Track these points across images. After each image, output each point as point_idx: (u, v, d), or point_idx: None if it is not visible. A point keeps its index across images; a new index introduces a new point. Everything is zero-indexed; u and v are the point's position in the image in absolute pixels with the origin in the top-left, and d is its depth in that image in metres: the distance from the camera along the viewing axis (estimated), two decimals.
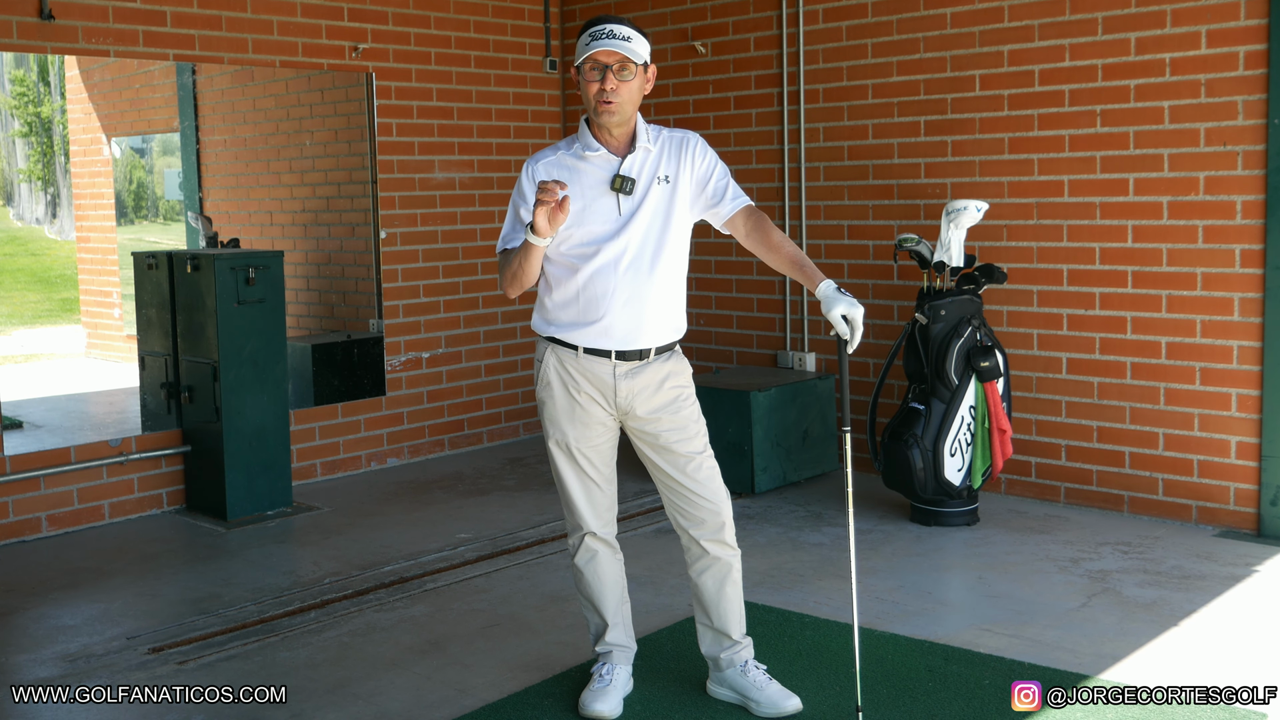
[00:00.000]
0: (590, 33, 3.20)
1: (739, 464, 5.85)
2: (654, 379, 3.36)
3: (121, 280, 6.37)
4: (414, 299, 6.87)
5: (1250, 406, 5.10)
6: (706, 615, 3.54)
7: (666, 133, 3.37)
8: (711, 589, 3.49)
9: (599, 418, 3.39)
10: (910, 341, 5.37)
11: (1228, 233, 5.10)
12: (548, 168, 3.32)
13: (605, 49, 3.17)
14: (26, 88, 6.26)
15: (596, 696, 3.49)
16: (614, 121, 3.24)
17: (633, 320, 3.30)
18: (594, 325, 3.30)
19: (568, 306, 3.34)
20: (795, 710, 3.46)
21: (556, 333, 3.37)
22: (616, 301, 3.28)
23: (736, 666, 3.54)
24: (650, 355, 3.35)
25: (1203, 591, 4.44)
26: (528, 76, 7.35)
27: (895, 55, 6.04)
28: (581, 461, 3.43)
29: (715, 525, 3.43)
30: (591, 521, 3.49)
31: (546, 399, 3.42)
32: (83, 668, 3.98)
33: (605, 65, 3.18)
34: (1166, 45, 5.19)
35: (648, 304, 3.30)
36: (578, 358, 3.35)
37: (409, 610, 4.45)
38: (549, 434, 3.45)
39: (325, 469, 6.53)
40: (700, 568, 3.49)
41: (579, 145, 3.32)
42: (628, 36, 3.18)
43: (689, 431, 3.40)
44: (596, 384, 3.35)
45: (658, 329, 3.35)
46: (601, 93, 3.19)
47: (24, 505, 5.44)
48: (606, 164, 3.29)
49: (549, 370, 3.40)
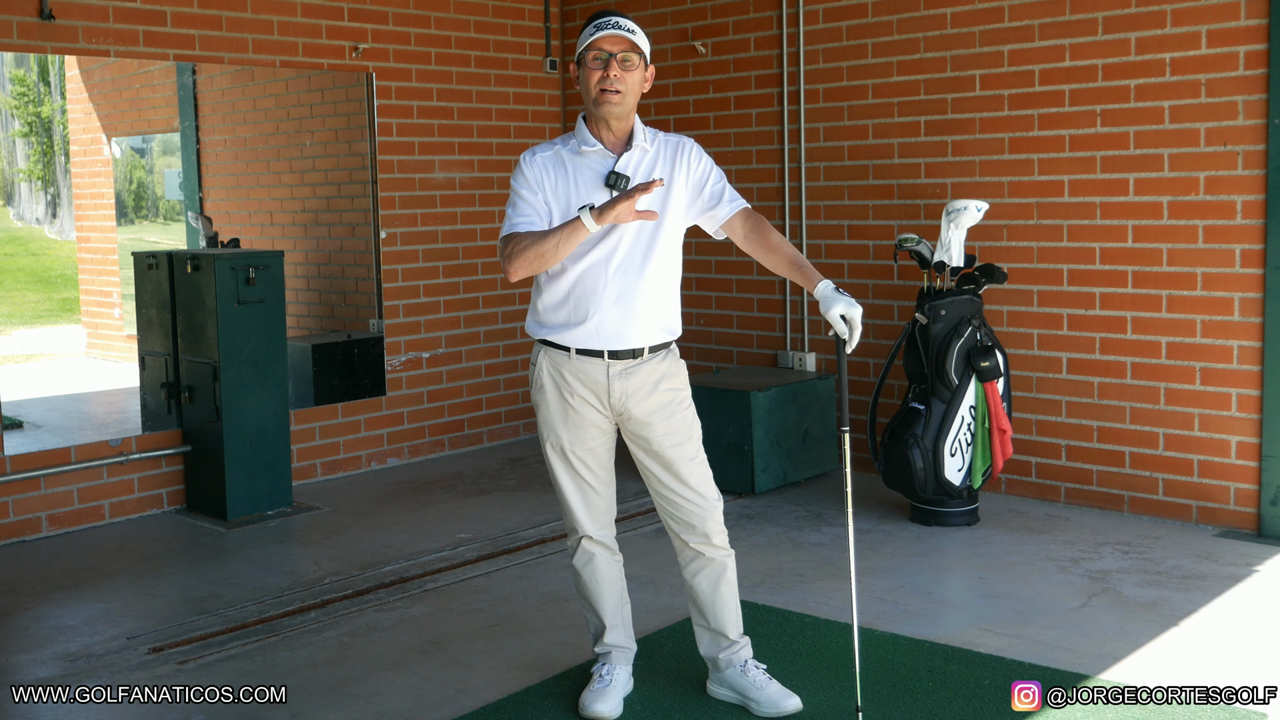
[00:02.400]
0: (595, 23, 3.21)
1: (739, 464, 5.85)
2: (649, 379, 3.35)
3: (122, 280, 6.38)
4: (414, 299, 6.87)
5: (1250, 406, 5.10)
6: (703, 616, 3.55)
7: (663, 136, 3.38)
8: (706, 590, 3.50)
9: (593, 420, 3.38)
10: (910, 341, 5.37)
11: (1228, 233, 5.10)
12: (545, 161, 3.32)
13: (610, 35, 3.18)
14: (27, 88, 6.26)
15: (596, 697, 3.49)
16: (614, 113, 3.23)
17: (622, 319, 3.29)
18: (584, 325, 3.29)
19: (559, 307, 3.33)
20: (795, 709, 3.46)
21: (548, 335, 3.37)
22: (606, 300, 3.27)
23: (736, 666, 3.54)
24: (644, 354, 3.35)
25: (1203, 591, 4.44)
26: (528, 76, 7.35)
27: (895, 55, 6.04)
28: (576, 465, 3.43)
29: (705, 528, 3.43)
30: (587, 525, 3.49)
31: (540, 402, 3.42)
32: (83, 668, 3.98)
33: (610, 54, 3.19)
34: (1167, 45, 5.19)
35: (637, 303, 3.29)
36: (570, 359, 3.34)
37: (409, 610, 4.45)
38: (544, 437, 3.45)
39: (325, 469, 6.53)
40: (694, 569, 3.50)
41: (576, 141, 3.32)
42: (633, 29, 3.21)
43: (681, 436, 3.40)
44: (590, 385, 3.34)
45: (649, 328, 3.34)
46: (604, 80, 3.20)
47: (24, 505, 5.44)
48: (602, 160, 3.29)
49: (542, 373, 3.40)
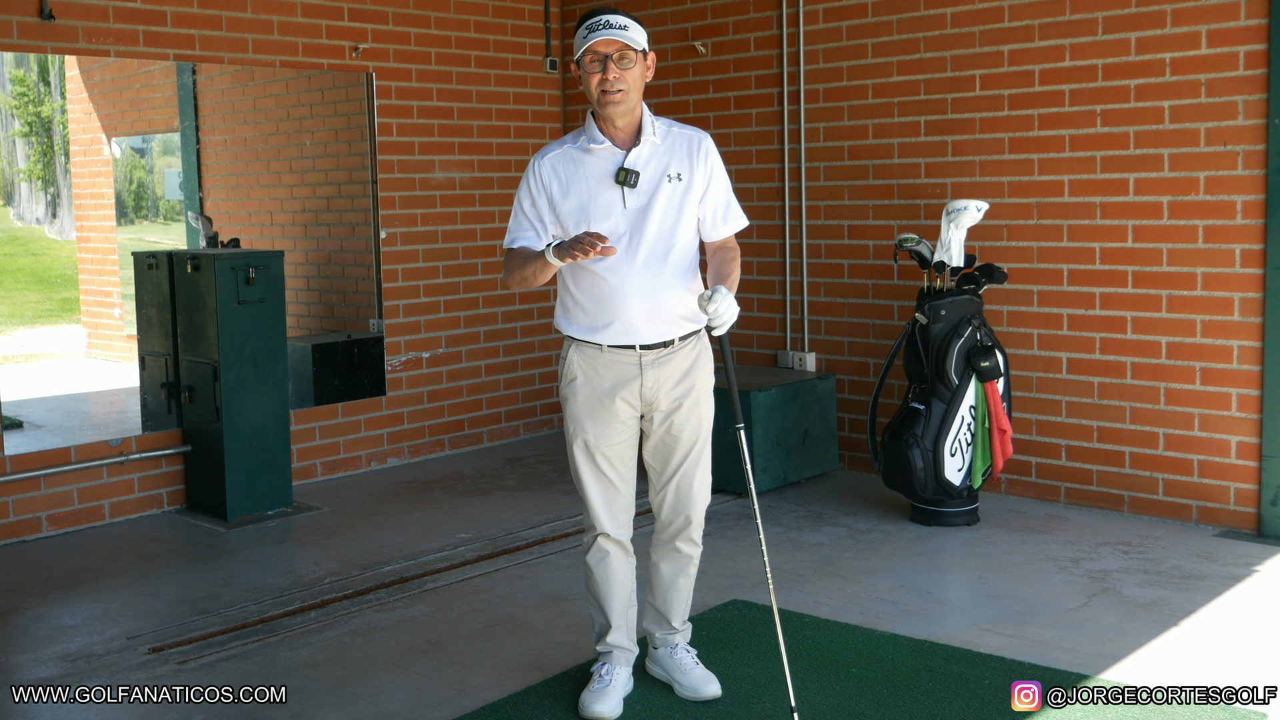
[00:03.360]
0: (587, 25, 3.23)
1: (739, 464, 5.82)
2: (680, 368, 3.41)
3: (122, 280, 6.37)
4: (414, 299, 6.87)
5: (1250, 406, 5.10)
6: (653, 595, 3.67)
7: (676, 128, 3.38)
8: (667, 575, 3.62)
9: (622, 415, 3.41)
10: (910, 341, 5.37)
11: (1228, 233, 5.10)
12: (553, 163, 3.34)
13: (603, 38, 3.20)
14: (27, 88, 6.26)
15: (596, 697, 3.51)
16: (619, 112, 3.25)
17: (650, 314, 3.33)
18: (614, 323, 3.33)
19: (586, 304, 3.36)
20: (714, 695, 3.58)
21: (578, 332, 3.40)
22: (633, 295, 3.30)
23: (668, 647, 3.67)
24: (674, 344, 3.39)
25: (1203, 591, 4.43)
26: (528, 76, 7.35)
27: (895, 55, 6.03)
28: (600, 462, 3.44)
29: (686, 522, 3.55)
30: (606, 523, 3.51)
31: (570, 395, 3.44)
32: (83, 668, 3.98)
33: (605, 55, 3.21)
34: (1167, 45, 5.19)
35: (664, 297, 3.33)
36: (602, 353, 3.37)
37: (409, 610, 4.45)
38: (571, 433, 3.46)
39: (325, 469, 6.53)
40: (662, 553, 3.62)
41: (584, 138, 3.34)
42: (624, 25, 3.22)
43: (699, 428, 3.48)
44: (622, 379, 3.38)
45: (676, 320, 3.38)
46: (604, 82, 3.22)
47: (24, 505, 5.44)
48: (612, 157, 3.31)
49: (573, 367, 3.42)
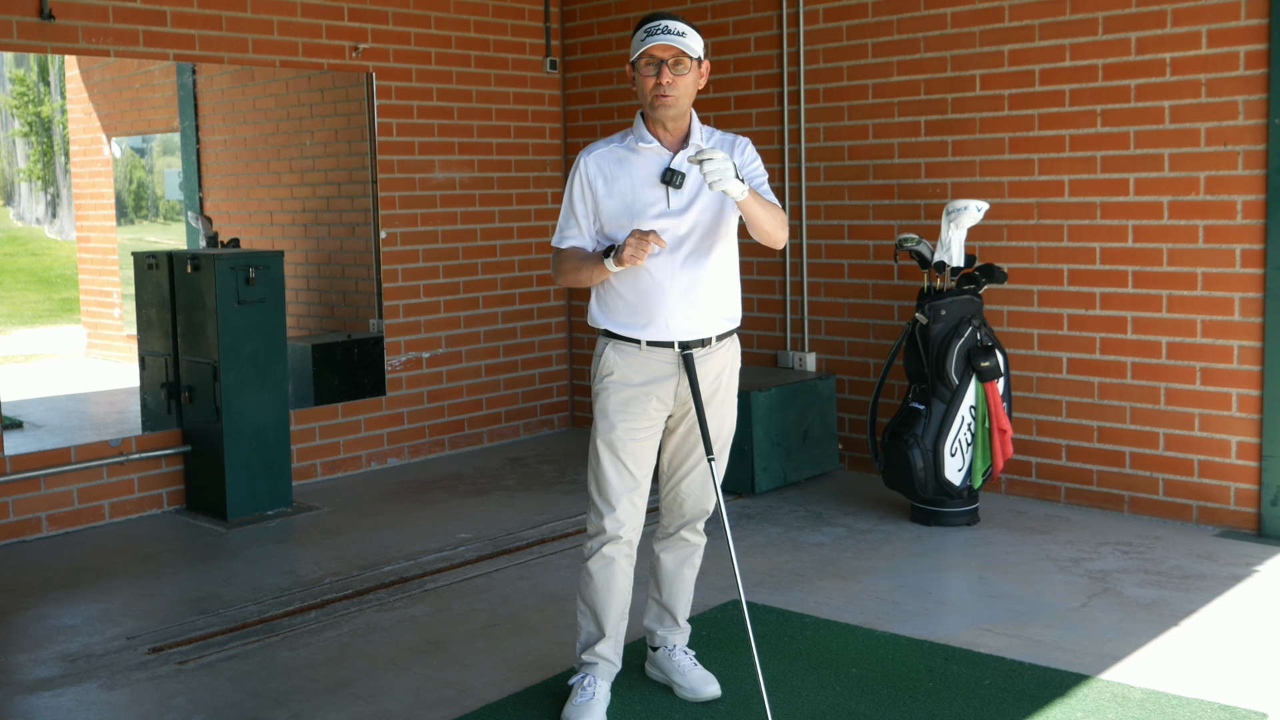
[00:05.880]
0: (646, 29, 3.26)
1: (739, 464, 5.85)
2: (715, 368, 3.43)
3: (121, 280, 6.37)
4: (414, 299, 6.87)
5: (1251, 406, 5.10)
6: (658, 590, 3.67)
7: (719, 135, 3.44)
8: (671, 566, 3.63)
9: (653, 414, 3.41)
10: (910, 341, 5.37)
11: (1228, 232, 5.10)
12: (598, 160, 3.37)
13: (661, 43, 3.23)
14: (26, 87, 6.26)
15: (582, 711, 3.42)
16: (669, 115, 3.29)
17: (690, 312, 3.35)
18: (653, 321, 3.34)
19: (626, 301, 3.37)
20: (714, 696, 3.58)
21: (615, 328, 3.40)
22: (674, 293, 3.32)
23: (666, 648, 3.67)
24: (712, 343, 3.41)
25: (1203, 591, 4.44)
26: (528, 76, 7.35)
27: (895, 55, 6.03)
28: (626, 458, 3.41)
29: (695, 515, 3.58)
30: (624, 519, 3.42)
31: (601, 391, 3.43)
32: (83, 668, 3.98)
33: (661, 60, 3.24)
34: (1167, 45, 5.19)
35: (703, 296, 3.36)
36: (641, 350, 3.38)
37: (409, 610, 4.45)
38: (598, 429, 3.44)
39: (325, 469, 6.53)
40: (666, 544, 3.63)
41: (633, 138, 3.37)
42: (682, 32, 3.25)
43: (724, 427, 3.50)
44: (658, 376, 3.38)
45: (715, 319, 3.40)
46: (658, 86, 3.25)
47: (24, 505, 5.44)
48: (659, 157, 3.34)
49: (609, 362, 3.42)
